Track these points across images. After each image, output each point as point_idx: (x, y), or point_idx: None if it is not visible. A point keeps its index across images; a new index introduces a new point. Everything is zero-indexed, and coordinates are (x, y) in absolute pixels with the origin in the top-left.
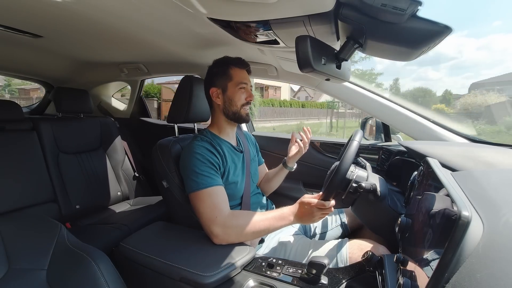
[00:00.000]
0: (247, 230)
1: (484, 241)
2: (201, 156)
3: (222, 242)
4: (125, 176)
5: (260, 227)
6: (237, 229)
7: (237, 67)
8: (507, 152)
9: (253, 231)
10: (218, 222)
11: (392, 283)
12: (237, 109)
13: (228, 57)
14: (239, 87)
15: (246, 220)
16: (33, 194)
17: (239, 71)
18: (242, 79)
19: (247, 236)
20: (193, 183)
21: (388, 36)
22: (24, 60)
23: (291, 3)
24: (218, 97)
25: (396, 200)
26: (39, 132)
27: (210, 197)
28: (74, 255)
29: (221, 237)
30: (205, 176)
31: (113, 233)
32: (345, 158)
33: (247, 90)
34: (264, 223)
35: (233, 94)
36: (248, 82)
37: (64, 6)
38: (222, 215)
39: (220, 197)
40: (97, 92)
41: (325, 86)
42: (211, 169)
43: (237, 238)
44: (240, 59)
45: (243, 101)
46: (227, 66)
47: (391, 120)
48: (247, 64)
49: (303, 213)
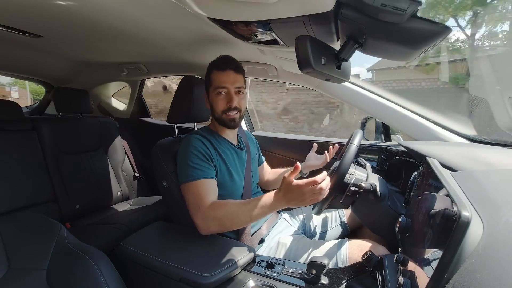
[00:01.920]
0: (227, 221)
1: (484, 241)
2: (195, 149)
3: (204, 232)
4: (125, 176)
5: (241, 217)
6: (216, 220)
7: (216, 69)
8: (507, 152)
9: (233, 222)
10: (199, 214)
11: (392, 283)
12: (219, 115)
13: (216, 59)
14: (216, 92)
15: (226, 211)
16: (33, 194)
17: (218, 74)
18: (220, 83)
19: (228, 226)
20: (184, 174)
21: (388, 36)
22: (24, 60)
23: (291, 3)
24: (207, 102)
25: (396, 200)
26: (39, 132)
27: (197, 188)
28: (74, 255)
29: (202, 227)
30: (196, 168)
31: (113, 233)
32: (342, 164)
33: (228, 94)
34: (245, 213)
35: (212, 99)
36: (230, 85)
37: (64, 6)
38: (204, 206)
39: (206, 189)
40: (97, 92)
41: (325, 86)
42: (204, 162)
43: (218, 228)
44: (220, 60)
45: (223, 106)
46: (210, 70)
47: (391, 120)
48: (230, 63)
49: (292, 196)
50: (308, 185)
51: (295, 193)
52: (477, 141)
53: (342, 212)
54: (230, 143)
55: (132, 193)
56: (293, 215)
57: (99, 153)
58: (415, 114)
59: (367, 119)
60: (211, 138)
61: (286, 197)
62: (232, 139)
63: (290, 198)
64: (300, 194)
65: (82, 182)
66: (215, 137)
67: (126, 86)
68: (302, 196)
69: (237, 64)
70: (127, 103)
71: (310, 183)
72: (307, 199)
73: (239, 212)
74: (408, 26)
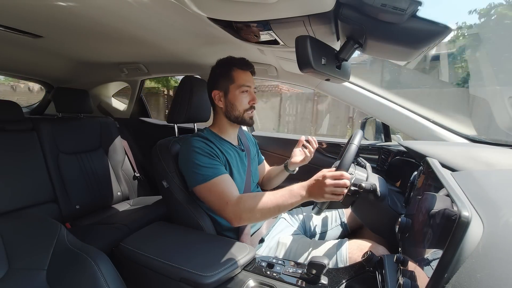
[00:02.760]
0: (258, 211)
1: (484, 241)
2: (200, 150)
3: (237, 224)
4: (125, 176)
5: (270, 206)
6: (247, 212)
7: (240, 68)
8: (507, 152)
9: (263, 211)
10: (229, 209)
11: (392, 283)
12: (240, 114)
13: (231, 57)
14: (241, 90)
15: (255, 202)
16: (33, 194)
17: (242, 73)
18: (245, 82)
19: (259, 217)
20: (198, 176)
21: (388, 36)
22: (24, 60)
23: (291, 3)
24: (220, 100)
25: (396, 200)
26: (39, 132)
27: (217, 186)
28: (74, 255)
29: (235, 220)
30: (208, 167)
31: (113, 233)
32: (342, 164)
33: (251, 93)
34: (273, 202)
35: (235, 97)
36: (252, 84)
37: (64, 6)
38: (232, 201)
39: (227, 184)
40: (97, 92)
41: (325, 86)
42: (213, 160)
43: (249, 220)
44: (244, 60)
45: (246, 105)
46: (230, 67)
47: (391, 120)
48: (251, 66)
49: (314, 185)
50: (332, 177)
51: (318, 182)
52: (477, 141)
53: (342, 212)
54: (231, 144)
55: (132, 193)
56: (293, 215)
57: (99, 153)
58: (415, 114)
59: (367, 119)
60: (213, 139)
61: (310, 185)
62: (233, 140)
63: (312, 188)
64: (321, 184)
65: (82, 182)
66: (216, 138)
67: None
68: (322, 187)
69: (253, 66)
70: (127, 103)
71: (335, 176)
72: (326, 192)
73: (269, 202)
74: (408, 26)
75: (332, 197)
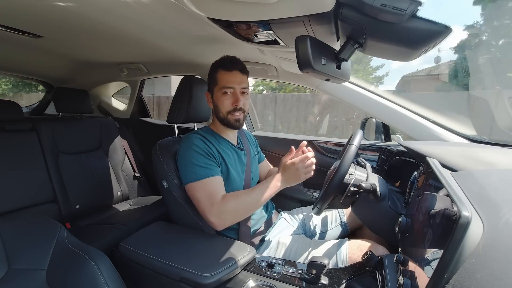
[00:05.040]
0: (240, 210)
1: (484, 241)
2: (198, 147)
3: (220, 227)
4: (125, 176)
5: (251, 203)
6: (231, 212)
7: (223, 69)
8: (507, 152)
9: (246, 209)
10: (214, 211)
11: (392, 283)
12: (224, 116)
13: (220, 58)
14: (223, 92)
15: (238, 201)
16: (33, 194)
17: (225, 74)
18: (227, 83)
19: (242, 215)
20: (191, 174)
21: (388, 36)
22: (24, 60)
23: (291, 3)
24: (210, 101)
25: (396, 200)
26: (39, 132)
27: (206, 187)
28: (74, 255)
29: (218, 223)
30: (202, 167)
31: (113, 233)
32: (342, 164)
33: (234, 95)
34: (253, 198)
35: (217, 99)
36: (237, 85)
37: (64, 6)
38: (217, 203)
39: (217, 186)
40: (97, 92)
41: (325, 86)
42: (208, 160)
43: (233, 220)
44: (227, 60)
45: (229, 107)
46: (215, 69)
47: (391, 120)
48: (237, 64)
49: (289, 174)
50: (301, 161)
51: (291, 170)
52: (477, 141)
53: (342, 212)
54: (230, 144)
55: (132, 193)
56: (293, 214)
57: (99, 153)
58: (415, 114)
59: (367, 119)
60: (212, 138)
61: (284, 175)
62: (232, 140)
63: (288, 176)
64: (295, 171)
65: (82, 182)
66: (215, 137)
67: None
68: (297, 172)
69: (243, 65)
70: (127, 103)
71: (302, 159)
72: (301, 175)
73: (249, 199)
74: (408, 26)
75: (307, 176)
